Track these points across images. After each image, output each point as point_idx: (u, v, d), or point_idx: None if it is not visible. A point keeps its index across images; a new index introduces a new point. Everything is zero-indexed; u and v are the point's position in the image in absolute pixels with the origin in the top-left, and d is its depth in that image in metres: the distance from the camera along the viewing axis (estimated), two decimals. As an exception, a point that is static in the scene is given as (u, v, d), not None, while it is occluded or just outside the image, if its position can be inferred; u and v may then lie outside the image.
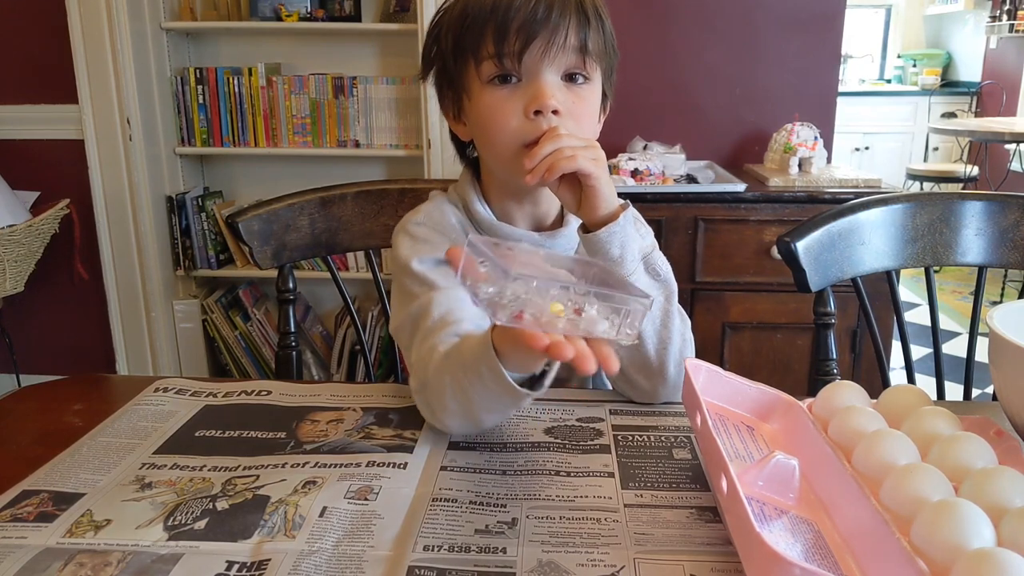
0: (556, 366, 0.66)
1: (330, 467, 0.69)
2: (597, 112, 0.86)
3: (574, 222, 0.92)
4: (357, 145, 2.48)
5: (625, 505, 0.63)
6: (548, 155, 0.74)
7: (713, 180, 2.12)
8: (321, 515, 0.61)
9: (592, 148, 0.76)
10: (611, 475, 0.68)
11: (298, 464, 0.69)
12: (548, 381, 0.66)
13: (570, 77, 0.81)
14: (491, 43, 0.78)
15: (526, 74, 0.79)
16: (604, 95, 0.87)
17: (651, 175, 2.06)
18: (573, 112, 0.80)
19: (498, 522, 0.61)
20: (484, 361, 0.66)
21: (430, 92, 0.93)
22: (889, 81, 5.89)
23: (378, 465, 0.69)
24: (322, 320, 2.75)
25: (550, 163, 0.74)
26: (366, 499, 0.63)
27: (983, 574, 0.45)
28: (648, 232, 0.98)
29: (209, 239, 2.57)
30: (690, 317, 0.84)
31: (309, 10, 2.40)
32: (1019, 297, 1.04)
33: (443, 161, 2.33)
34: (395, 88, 2.44)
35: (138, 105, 2.36)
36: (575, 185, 0.79)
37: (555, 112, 0.78)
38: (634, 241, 0.80)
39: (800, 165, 2.18)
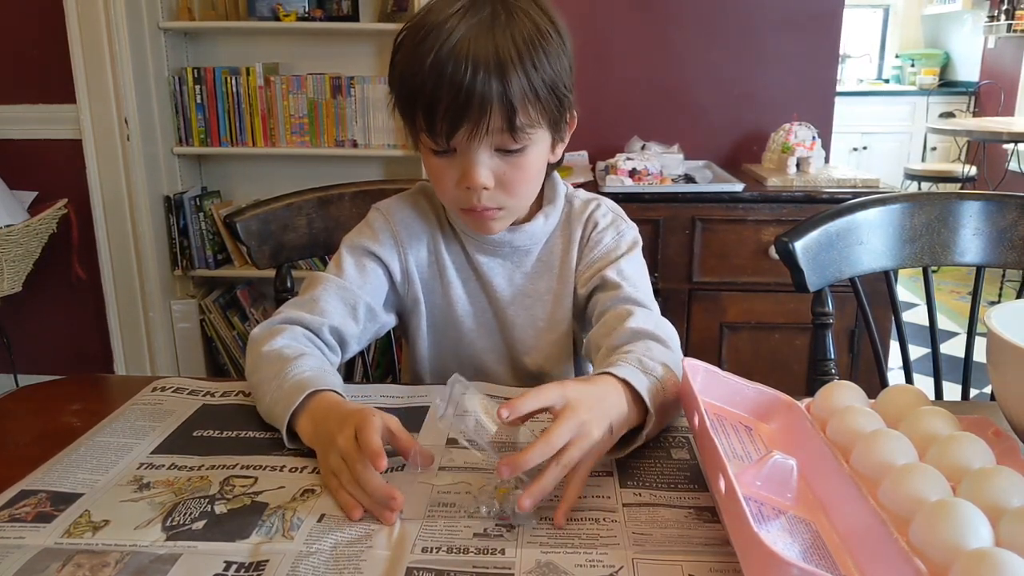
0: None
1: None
2: (537, 171, 0.86)
3: (541, 219, 0.93)
4: (355, 145, 2.48)
5: (624, 505, 0.63)
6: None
7: (711, 180, 2.12)
8: (319, 521, 0.61)
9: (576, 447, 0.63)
10: (610, 475, 0.68)
11: (296, 468, 0.69)
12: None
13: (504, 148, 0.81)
14: (423, 121, 0.79)
15: (459, 148, 0.80)
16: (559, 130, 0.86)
17: (649, 175, 2.06)
18: (505, 181, 0.83)
19: (496, 524, 0.60)
20: (286, 411, 0.72)
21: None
22: (887, 81, 5.89)
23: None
24: (320, 320, 2.74)
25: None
26: (364, 499, 0.63)
27: (981, 574, 0.45)
28: (630, 228, 0.96)
29: (207, 239, 2.57)
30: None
31: (307, 10, 2.39)
32: (1017, 297, 1.04)
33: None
34: (393, 88, 2.44)
35: (136, 105, 2.36)
36: None
37: (485, 188, 0.81)
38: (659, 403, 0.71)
39: (798, 165, 2.18)
